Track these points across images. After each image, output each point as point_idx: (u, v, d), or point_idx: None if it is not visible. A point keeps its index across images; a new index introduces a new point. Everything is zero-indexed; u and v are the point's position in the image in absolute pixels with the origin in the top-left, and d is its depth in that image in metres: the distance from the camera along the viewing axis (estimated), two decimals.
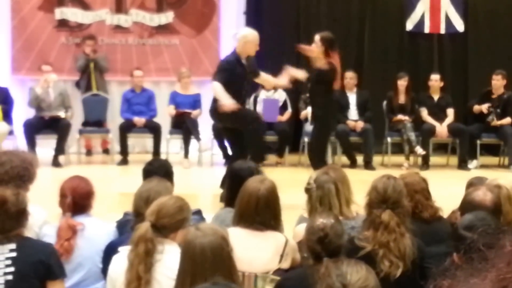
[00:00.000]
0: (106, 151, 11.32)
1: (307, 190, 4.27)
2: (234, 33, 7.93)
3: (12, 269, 3.51)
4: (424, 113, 10.72)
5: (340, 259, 2.84)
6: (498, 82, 10.62)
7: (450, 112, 10.76)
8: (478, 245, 1.31)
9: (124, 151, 10.58)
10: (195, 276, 2.74)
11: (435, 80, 10.85)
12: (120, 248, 3.38)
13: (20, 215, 3.64)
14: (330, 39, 7.71)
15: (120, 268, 3.25)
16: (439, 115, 10.71)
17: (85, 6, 11.55)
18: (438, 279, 1.19)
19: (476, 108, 10.61)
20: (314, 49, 7.69)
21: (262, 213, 3.86)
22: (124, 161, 10.51)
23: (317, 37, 7.70)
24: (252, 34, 7.65)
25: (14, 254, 3.53)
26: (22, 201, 3.67)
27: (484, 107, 10.48)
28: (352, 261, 2.60)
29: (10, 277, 3.50)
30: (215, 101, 7.45)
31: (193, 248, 2.78)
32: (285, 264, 3.84)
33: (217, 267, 2.75)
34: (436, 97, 10.84)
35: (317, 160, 7.50)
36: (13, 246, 3.55)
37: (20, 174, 4.26)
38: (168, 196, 3.50)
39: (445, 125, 10.57)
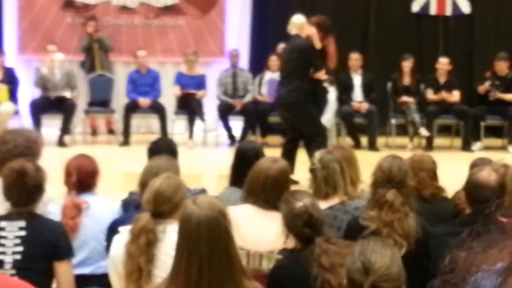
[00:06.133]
0: (111, 131, 11.34)
1: (312, 170, 4.27)
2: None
3: (20, 248, 3.52)
4: (430, 93, 10.69)
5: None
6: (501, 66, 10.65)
7: (456, 94, 10.72)
8: (496, 217, 1.30)
9: (126, 132, 10.57)
10: (190, 251, 2.66)
11: (443, 64, 10.78)
12: (121, 228, 3.37)
13: (37, 190, 3.65)
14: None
15: (121, 248, 3.25)
16: None
17: None
18: (455, 250, 1.18)
19: (481, 88, 10.58)
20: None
21: (269, 192, 3.85)
22: (125, 142, 10.49)
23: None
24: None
25: (23, 233, 3.55)
26: (42, 177, 3.68)
27: (487, 85, 10.47)
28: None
29: (18, 256, 3.52)
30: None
31: (189, 223, 2.68)
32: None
33: (213, 242, 2.65)
34: (442, 80, 10.79)
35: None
36: (22, 223, 3.56)
37: (23, 152, 4.18)
38: (160, 179, 3.36)
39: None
